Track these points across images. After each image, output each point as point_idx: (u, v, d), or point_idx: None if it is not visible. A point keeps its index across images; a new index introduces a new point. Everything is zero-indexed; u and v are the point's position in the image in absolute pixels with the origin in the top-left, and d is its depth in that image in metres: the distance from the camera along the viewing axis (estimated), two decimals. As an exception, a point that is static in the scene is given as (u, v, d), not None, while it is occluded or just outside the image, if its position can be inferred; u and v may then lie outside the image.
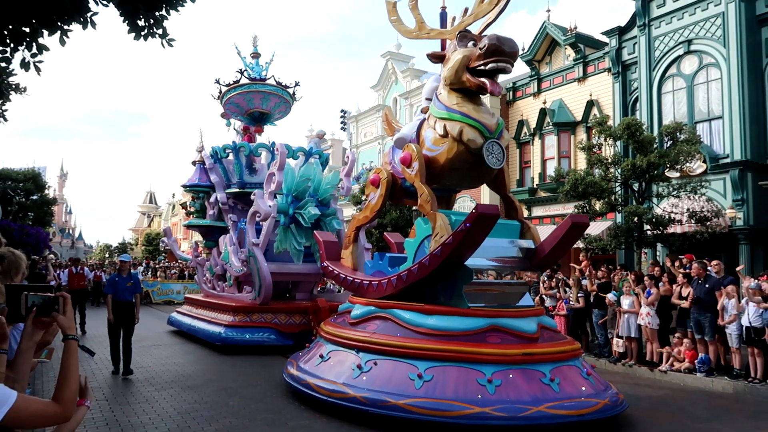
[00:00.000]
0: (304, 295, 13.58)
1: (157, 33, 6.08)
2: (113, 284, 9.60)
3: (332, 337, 8.61)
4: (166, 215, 74.41)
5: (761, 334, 9.41)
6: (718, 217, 17.30)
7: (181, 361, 11.25)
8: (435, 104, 8.19)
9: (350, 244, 9.63)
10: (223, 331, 11.56)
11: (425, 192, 7.81)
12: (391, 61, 33.83)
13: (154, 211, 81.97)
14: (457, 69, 7.77)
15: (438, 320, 7.57)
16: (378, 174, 9.06)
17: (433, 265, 7.40)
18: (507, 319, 7.72)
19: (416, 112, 9.27)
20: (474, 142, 7.70)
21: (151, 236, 63.93)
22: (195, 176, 14.52)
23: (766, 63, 18.70)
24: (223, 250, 13.53)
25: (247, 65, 14.89)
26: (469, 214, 6.89)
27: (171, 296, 24.83)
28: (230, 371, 10.18)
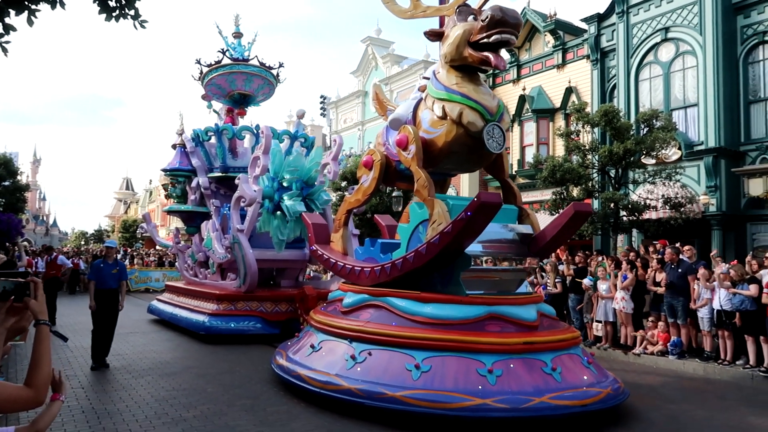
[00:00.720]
0: (290, 282, 13.07)
1: (128, 14, 5.88)
2: (97, 270, 9.11)
3: (323, 327, 8.16)
4: (143, 202, 72.86)
5: (731, 318, 9.53)
6: (692, 203, 17.53)
7: (159, 348, 10.96)
8: (433, 84, 7.69)
9: (340, 228, 9.16)
10: (207, 320, 11.01)
11: (422, 177, 7.40)
12: (372, 47, 33.46)
13: (131, 198, 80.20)
14: (458, 44, 7.31)
15: (435, 308, 7.21)
16: (371, 156, 8.54)
17: (430, 254, 7.03)
18: (506, 306, 7.38)
19: (413, 90, 8.67)
20: (474, 125, 7.29)
21: (128, 223, 62.66)
22: (175, 160, 13.83)
23: (741, 51, 18.84)
24: (206, 237, 12.91)
25: (228, 45, 14.19)
26: (470, 202, 6.52)
27: (150, 284, 24.15)
28: (209, 358, 9.96)
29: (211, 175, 13.76)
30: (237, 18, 14.81)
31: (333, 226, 9.48)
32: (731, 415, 7.16)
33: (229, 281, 12.14)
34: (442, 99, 7.44)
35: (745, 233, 18.74)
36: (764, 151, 18.39)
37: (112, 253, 9.39)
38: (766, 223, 18.62)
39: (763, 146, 18.52)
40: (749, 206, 18.51)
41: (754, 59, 18.98)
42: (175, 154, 14.03)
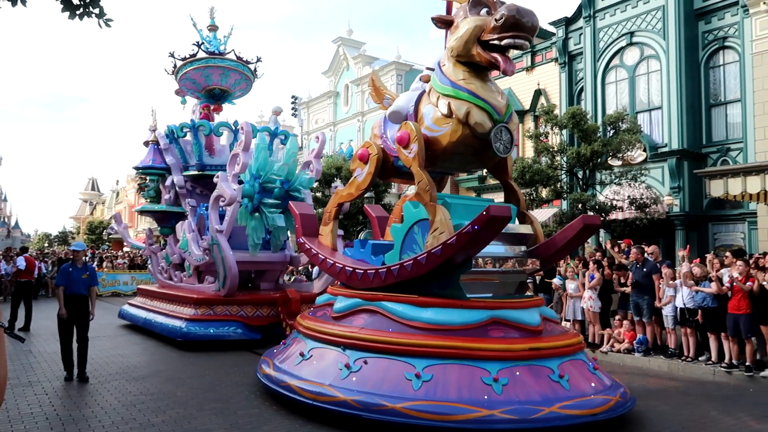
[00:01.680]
0: (270, 284, 12.29)
1: (93, 12, 5.64)
2: (66, 275, 8.27)
3: (313, 333, 7.56)
4: (109, 202, 70.54)
5: (694, 315, 9.67)
6: (656, 204, 17.78)
7: (127, 352, 10.37)
8: (438, 77, 7.04)
9: (330, 221, 8.54)
10: (184, 326, 10.21)
11: (424, 179, 6.80)
12: (343, 47, 32.95)
13: (97, 199, 77.46)
14: (467, 40, 6.65)
15: (435, 313, 6.64)
16: (367, 149, 7.87)
17: (430, 265, 6.51)
18: (509, 310, 6.84)
19: (414, 80, 7.96)
20: (482, 126, 6.70)
21: (94, 224, 60.31)
22: (148, 157, 12.90)
23: (703, 56, 19.14)
24: (181, 238, 12.04)
25: (204, 38, 13.25)
26: (478, 215, 5.98)
27: (118, 287, 22.85)
28: (179, 362, 9.52)
29: (187, 174, 12.87)
30: (212, 10, 13.94)
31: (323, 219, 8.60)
32: (695, 410, 7.15)
33: (207, 284, 11.29)
34: (448, 95, 6.83)
35: (707, 233, 19.19)
36: (725, 153, 18.74)
37: (80, 257, 8.55)
38: (726, 223, 19.00)
39: (723, 148, 18.83)
40: (711, 207, 18.91)
41: (715, 64, 19.36)
42: (147, 151, 13.09)
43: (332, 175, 21.05)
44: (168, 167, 12.91)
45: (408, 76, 29.46)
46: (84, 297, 8.32)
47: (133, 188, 57.77)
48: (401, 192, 26.05)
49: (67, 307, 8.19)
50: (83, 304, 8.31)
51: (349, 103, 32.36)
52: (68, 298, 8.22)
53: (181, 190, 12.68)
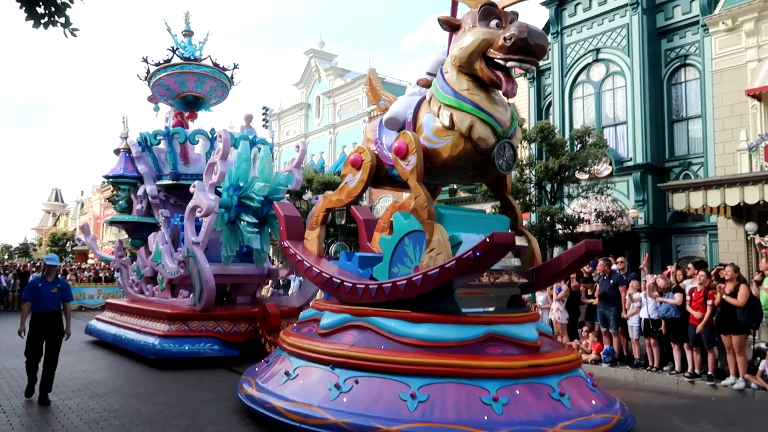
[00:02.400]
0: (246, 298, 11.68)
1: (58, 21, 5.49)
2: (34, 290, 7.62)
3: (299, 351, 7.14)
4: (74, 214, 68.07)
5: (658, 326, 9.81)
6: (622, 217, 18.09)
7: (89, 367, 9.89)
8: (440, 85, 6.59)
9: (317, 226, 8.01)
10: (157, 342, 9.54)
11: (422, 195, 6.39)
12: (315, 59, 32.68)
13: (61, 210, 74.76)
14: (471, 53, 6.21)
15: (429, 329, 6.23)
16: (360, 154, 7.41)
17: (425, 288, 6.14)
18: (505, 326, 6.45)
19: (411, 85, 7.52)
20: (485, 141, 6.31)
21: (57, 236, 58.13)
22: (119, 166, 12.18)
23: (666, 73, 19.53)
24: (154, 250, 11.28)
25: (178, 44, 12.54)
26: (481, 241, 5.61)
27: (83, 301, 21.63)
28: (143, 377, 9.17)
29: (160, 183, 12.18)
30: (187, 15, 13.32)
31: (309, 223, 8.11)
32: (658, 419, 7.23)
33: (181, 298, 10.62)
34: (451, 106, 6.40)
35: (671, 245, 19.50)
36: (686, 167, 19.10)
37: (53, 272, 7.84)
38: (689, 236, 19.42)
39: (685, 162, 19.17)
40: (674, 219, 19.29)
41: (677, 81, 19.82)
42: (118, 159, 12.38)
43: (303, 187, 20.48)
44: (140, 176, 12.19)
45: (379, 89, 29.00)
46: (56, 313, 7.66)
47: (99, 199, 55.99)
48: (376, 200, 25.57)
49: (36, 325, 7.51)
50: (55, 320, 7.63)
51: (320, 115, 31.90)
52: (37, 315, 7.56)
53: (154, 200, 11.98)
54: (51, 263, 7.90)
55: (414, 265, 6.78)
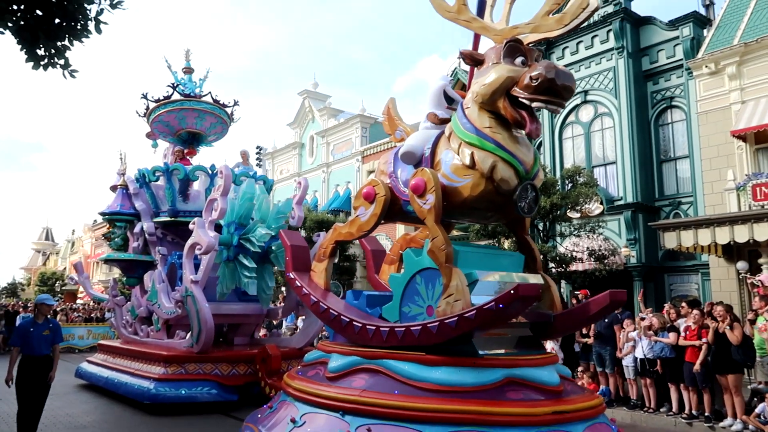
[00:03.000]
0: (244, 339, 11.13)
1: (58, 63, 5.47)
2: (24, 334, 7.09)
3: (305, 396, 6.67)
4: (64, 253, 66.87)
5: (653, 365, 9.64)
6: (614, 255, 17.86)
7: (74, 411, 9.40)
8: (460, 121, 6.24)
9: (325, 258, 7.45)
10: (152, 386, 8.98)
11: (440, 237, 5.93)
12: (308, 100, 32.85)
13: (51, 249, 73.48)
14: (495, 90, 5.85)
15: (446, 373, 5.76)
16: (373, 187, 6.99)
17: (441, 337, 5.70)
18: (525, 369, 6.01)
19: (422, 120, 7.16)
20: (507, 182, 5.93)
21: (46, 275, 56.76)
22: (116, 203, 11.74)
23: (652, 114, 19.65)
24: (150, 289, 10.70)
25: (178, 81, 12.26)
26: (504, 293, 5.25)
27: (72, 342, 20.66)
28: (131, 422, 8.71)
29: (158, 220, 11.68)
30: (188, 53, 13.13)
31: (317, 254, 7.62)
32: None
33: (177, 339, 10.08)
34: (472, 144, 6.02)
35: (664, 283, 19.45)
36: (676, 206, 19.11)
37: (46, 312, 7.36)
38: (681, 274, 19.38)
39: (675, 202, 19.15)
40: (666, 258, 19.27)
41: (664, 122, 20.13)
42: (115, 196, 11.95)
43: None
44: (137, 213, 11.72)
45: (372, 129, 29.23)
46: (46, 357, 7.12)
47: (90, 238, 55.04)
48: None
49: (25, 370, 6.97)
50: (45, 365, 7.09)
51: (314, 155, 31.80)
52: (27, 360, 7.02)
53: (151, 238, 11.51)
54: (44, 302, 7.41)
55: (426, 304, 6.38)
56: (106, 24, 5.51)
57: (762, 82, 15.84)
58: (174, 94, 12.13)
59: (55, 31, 5.28)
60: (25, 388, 6.96)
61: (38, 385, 7.03)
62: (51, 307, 7.57)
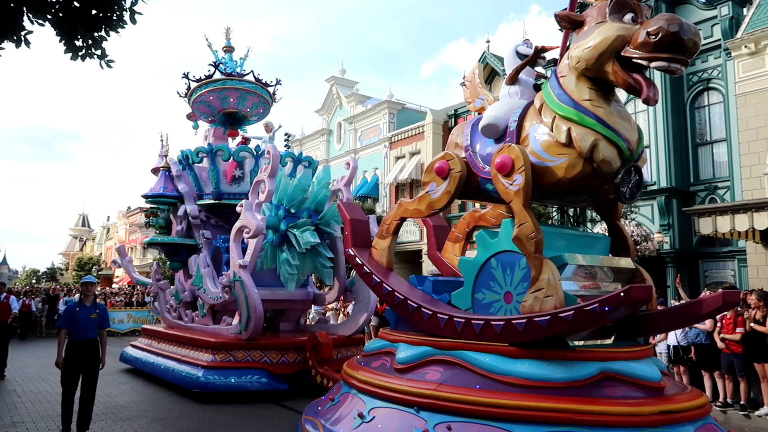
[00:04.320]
0: (289, 325, 10.49)
1: (95, 54, 5.49)
2: (71, 316, 6.65)
3: (372, 389, 5.93)
4: (99, 239, 67.38)
5: (687, 353, 9.27)
6: (647, 241, 17.06)
7: (113, 391, 9.26)
8: (554, 91, 5.41)
9: (389, 236, 6.73)
10: (201, 374, 8.45)
11: (529, 223, 5.14)
12: (336, 86, 32.02)
13: (87, 235, 74.00)
14: (602, 52, 4.98)
15: (533, 367, 5.03)
16: (447, 162, 6.19)
17: (528, 336, 4.98)
18: (623, 362, 5.16)
19: (505, 89, 6.29)
20: (609, 164, 5.10)
21: (83, 260, 57.14)
22: (158, 185, 11.11)
23: (688, 97, 18.78)
24: (195, 273, 10.02)
25: (219, 59, 11.45)
26: (612, 294, 4.51)
27: (113, 326, 20.15)
28: (164, 401, 8.60)
29: (201, 203, 11.00)
30: (228, 31, 12.38)
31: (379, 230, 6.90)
32: None
33: (224, 326, 9.38)
34: (569, 119, 5.18)
35: (698, 270, 18.99)
36: (712, 191, 18.05)
37: (91, 292, 6.90)
38: (716, 261, 18.82)
39: (711, 186, 18.12)
40: (701, 244, 18.50)
41: (700, 104, 19.14)
42: (158, 178, 11.35)
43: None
44: (180, 195, 10.99)
45: (400, 115, 28.52)
46: (93, 341, 6.73)
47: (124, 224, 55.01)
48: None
49: (72, 354, 6.56)
50: (92, 349, 6.69)
51: (341, 141, 31.06)
52: (73, 344, 6.60)
53: (195, 221, 10.85)
54: (88, 281, 6.98)
55: (504, 290, 5.65)
56: (141, 14, 5.45)
57: None
58: (215, 73, 11.36)
59: (92, 22, 5.30)
60: (71, 374, 6.57)
61: (86, 370, 6.65)
62: (96, 286, 7.16)
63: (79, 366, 6.58)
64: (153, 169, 11.76)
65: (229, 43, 12.45)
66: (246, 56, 12.48)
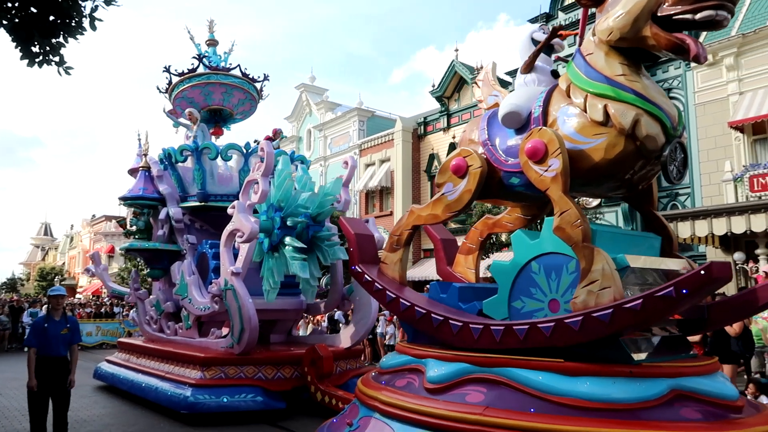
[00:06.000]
0: (280, 337, 9.45)
1: (53, 60, 5.10)
2: (39, 332, 5.75)
3: (401, 412, 4.87)
4: (63, 248, 63.55)
5: None
6: None
7: (89, 413, 8.08)
8: (581, 69, 4.76)
9: (400, 248, 5.88)
10: (190, 393, 7.30)
11: (572, 209, 4.43)
12: (306, 93, 31.17)
13: (50, 244, 70.01)
14: (637, 16, 4.34)
15: (597, 385, 4.16)
16: (464, 158, 5.46)
17: (587, 335, 4.18)
18: (693, 378, 4.32)
19: (520, 78, 5.47)
20: (654, 140, 4.45)
21: (45, 270, 53.55)
22: (137, 186, 9.86)
23: None
24: (179, 281, 8.73)
25: (202, 53, 10.20)
26: (691, 273, 3.83)
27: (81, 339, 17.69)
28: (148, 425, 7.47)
29: (185, 205, 9.65)
30: (212, 23, 11.27)
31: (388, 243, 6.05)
32: None
33: (213, 339, 8.10)
34: (605, 95, 4.53)
35: None
36: (674, 197, 18.07)
37: (61, 305, 6.00)
38: None
39: (672, 193, 18.10)
40: None
41: None
42: (137, 179, 10.06)
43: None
44: (162, 197, 9.66)
45: (369, 122, 27.97)
46: (64, 359, 5.82)
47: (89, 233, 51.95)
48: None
49: (41, 373, 5.62)
50: (63, 368, 5.77)
51: (311, 148, 30.06)
52: (43, 362, 5.66)
53: (178, 225, 9.62)
54: (57, 293, 6.01)
55: (548, 298, 4.80)
56: (101, 21, 5.09)
57: (760, 73, 15.18)
58: (199, 67, 10.16)
59: (49, 28, 4.99)
60: (41, 395, 5.64)
61: (57, 391, 5.73)
62: (65, 298, 6.32)
63: (49, 387, 5.65)
64: (130, 170, 10.46)
65: (212, 36, 11.29)
66: (231, 50, 11.37)
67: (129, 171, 10.70)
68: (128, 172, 10.73)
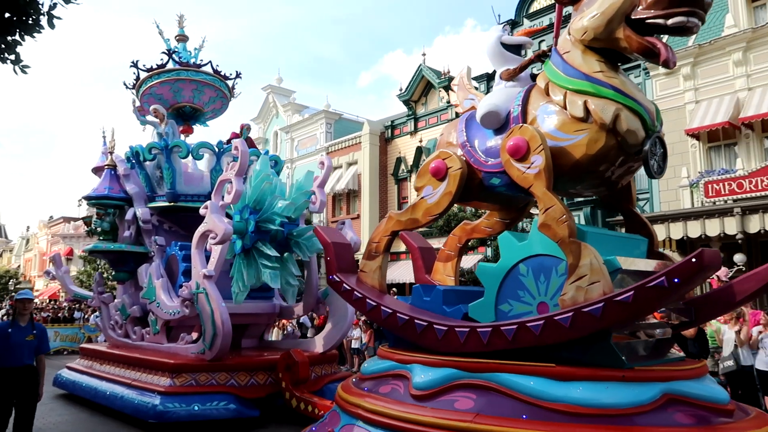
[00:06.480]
0: (252, 341, 9.09)
1: (8, 59, 4.91)
2: (3, 338, 5.28)
3: (386, 420, 4.65)
4: (18, 250, 60.55)
5: None
6: None
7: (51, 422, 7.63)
8: (559, 68, 4.74)
9: (378, 254, 5.72)
10: (159, 402, 6.87)
11: (556, 205, 4.38)
12: (273, 95, 30.75)
13: (4, 246, 66.46)
14: (611, 17, 4.38)
15: (590, 390, 4.04)
16: (443, 160, 5.36)
17: (577, 331, 4.08)
18: (684, 381, 4.24)
19: (496, 81, 5.57)
20: (635, 135, 4.48)
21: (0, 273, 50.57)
22: (102, 185, 9.33)
23: None
24: (147, 285, 8.23)
25: (171, 49, 9.73)
26: (682, 262, 3.80)
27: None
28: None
29: (153, 205, 9.11)
30: (182, 18, 10.75)
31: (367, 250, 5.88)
32: None
33: (182, 344, 7.67)
34: (584, 92, 4.52)
35: None
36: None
37: (28, 310, 5.52)
38: None
39: None
40: None
41: None
42: (102, 177, 9.50)
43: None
44: (128, 197, 9.10)
45: (337, 125, 27.65)
46: (29, 368, 5.39)
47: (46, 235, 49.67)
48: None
49: (3, 384, 5.20)
50: (27, 378, 5.33)
51: (278, 150, 29.50)
52: (6, 372, 5.24)
53: (146, 226, 9.13)
54: (24, 297, 5.53)
55: (537, 301, 4.68)
56: (60, 19, 4.88)
57: (715, 82, 15.55)
58: (169, 63, 9.67)
59: (5, 26, 4.79)
60: (2, 407, 5.20)
61: (20, 403, 5.28)
62: (32, 302, 5.78)
63: (11, 398, 5.22)
64: (95, 168, 9.91)
65: (182, 32, 10.75)
66: (201, 46, 10.86)
67: (93, 169, 10.21)
68: (92, 170, 10.25)
